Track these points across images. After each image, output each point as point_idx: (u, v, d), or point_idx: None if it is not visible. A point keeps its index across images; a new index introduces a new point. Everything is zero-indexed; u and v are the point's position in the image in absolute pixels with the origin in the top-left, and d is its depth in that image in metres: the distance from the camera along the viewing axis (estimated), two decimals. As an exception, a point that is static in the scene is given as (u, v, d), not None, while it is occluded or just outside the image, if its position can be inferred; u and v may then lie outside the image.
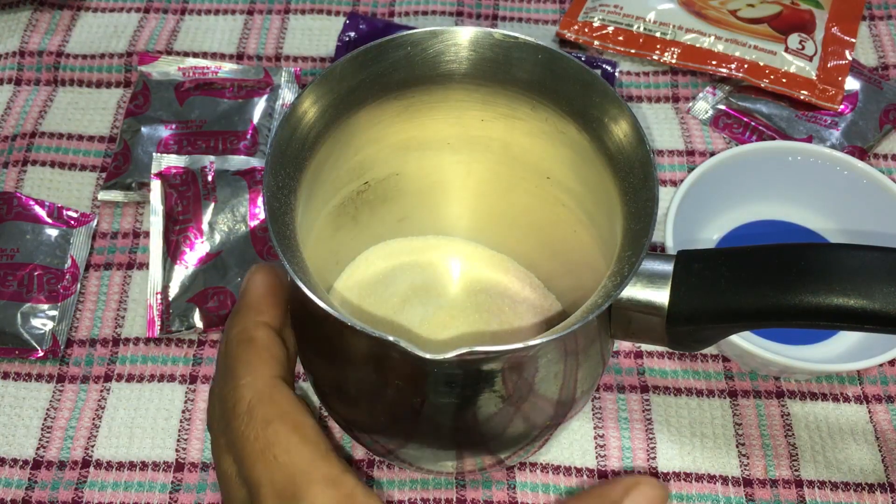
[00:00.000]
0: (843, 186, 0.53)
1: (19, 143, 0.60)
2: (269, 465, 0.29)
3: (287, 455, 0.29)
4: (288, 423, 0.29)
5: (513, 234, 0.45)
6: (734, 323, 0.31)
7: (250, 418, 0.30)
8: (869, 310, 0.28)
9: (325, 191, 0.38)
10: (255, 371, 0.31)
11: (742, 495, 0.47)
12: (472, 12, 0.67)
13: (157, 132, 0.58)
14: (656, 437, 0.49)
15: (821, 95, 0.60)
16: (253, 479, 0.29)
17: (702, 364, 0.51)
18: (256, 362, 0.31)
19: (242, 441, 0.30)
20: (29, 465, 0.48)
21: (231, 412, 0.30)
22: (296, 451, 0.29)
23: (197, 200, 0.54)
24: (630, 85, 0.63)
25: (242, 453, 0.30)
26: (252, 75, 0.61)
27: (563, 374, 0.33)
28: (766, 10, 0.63)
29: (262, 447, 0.29)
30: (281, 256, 0.30)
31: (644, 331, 0.33)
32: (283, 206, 0.32)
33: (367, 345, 0.32)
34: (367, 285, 0.44)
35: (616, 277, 0.30)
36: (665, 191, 0.58)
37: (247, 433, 0.29)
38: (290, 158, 0.33)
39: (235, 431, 0.30)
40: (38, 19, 0.66)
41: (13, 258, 0.52)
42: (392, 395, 0.33)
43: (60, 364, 0.51)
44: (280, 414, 0.30)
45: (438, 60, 0.35)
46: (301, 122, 0.33)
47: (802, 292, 0.29)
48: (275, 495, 0.28)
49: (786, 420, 0.49)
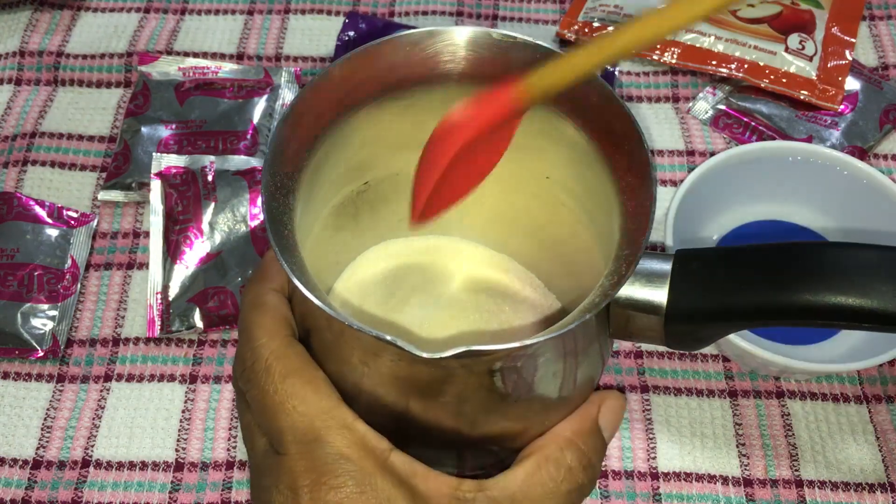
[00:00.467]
0: (843, 186, 0.53)
1: (19, 143, 0.60)
2: (289, 414, 0.32)
3: (305, 405, 0.32)
4: (303, 377, 0.33)
5: (513, 234, 0.45)
6: (732, 322, 0.31)
7: (268, 374, 0.33)
8: (866, 308, 0.28)
9: (325, 191, 0.38)
10: (270, 332, 0.34)
11: (742, 495, 0.47)
12: (473, 12, 0.67)
13: (158, 132, 0.58)
14: (656, 437, 0.49)
15: (821, 95, 0.60)
16: (274, 428, 0.32)
17: (702, 364, 0.51)
18: (270, 324, 0.34)
19: (262, 395, 0.33)
20: (29, 464, 0.48)
21: (251, 370, 0.33)
22: (312, 400, 0.32)
23: (197, 200, 0.54)
24: (630, 85, 0.63)
25: (263, 406, 0.33)
26: (252, 75, 0.61)
27: (562, 373, 0.33)
28: (766, 10, 0.63)
29: (281, 399, 0.32)
30: (279, 257, 0.30)
31: (642, 330, 0.33)
32: (282, 207, 0.32)
33: (366, 345, 0.32)
34: (367, 285, 0.44)
35: (613, 277, 0.30)
36: (665, 191, 0.58)
37: (266, 388, 0.33)
38: (288, 159, 0.33)
39: (256, 387, 0.33)
40: (38, 19, 0.66)
41: (13, 258, 0.52)
42: (392, 395, 0.33)
43: (60, 364, 0.51)
44: (295, 369, 0.33)
45: (437, 60, 0.35)
46: (299, 122, 0.33)
47: (800, 291, 0.29)
48: (296, 440, 0.32)
49: (786, 420, 0.49)
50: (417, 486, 0.32)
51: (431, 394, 0.33)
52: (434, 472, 0.32)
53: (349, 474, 0.31)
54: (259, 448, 0.34)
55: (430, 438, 0.34)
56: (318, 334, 0.34)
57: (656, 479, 0.47)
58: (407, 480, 0.32)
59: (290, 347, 0.34)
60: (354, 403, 0.33)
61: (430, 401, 0.33)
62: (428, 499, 0.31)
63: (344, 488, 0.31)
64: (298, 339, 0.35)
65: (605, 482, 0.47)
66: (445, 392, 0.32)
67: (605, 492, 0.47)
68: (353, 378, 0.33)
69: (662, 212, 0.51)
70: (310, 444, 0.31)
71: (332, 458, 0.31)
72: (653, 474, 0.47)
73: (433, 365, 0.31)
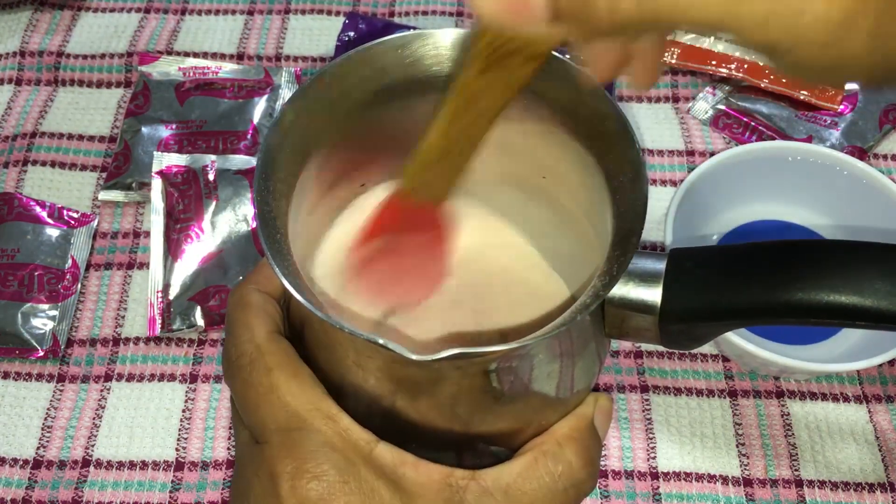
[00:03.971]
0: (843, 186, 0.53)
1: (20, 143, 0.60)
2: (272, 406, 0.32)
3: (289, 397, 0.32)
4: (287, 371, 0.32)
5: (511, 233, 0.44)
6: (726, 320, 0.31)
7: (252, 368, 0.33)
8: (860, 306, 0.28)
9: (320, 194, 0.37)
10: (253, 329, 0.34)
11: (742, 495, 0.47)
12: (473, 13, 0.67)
13: (158, 132, 0.58)
14: (656, 436, 0.49)
15: (821, 95, 0.60)
16: (257, 419, 0.32)
17: (702, 364, 0.51)
18: (253, 321, 0.34)
19: (245, 388, 0.33)
20: (29, 464, 0.48)
21: (235, 365, 0.33)
22: (296, 393, 0.32)
23: (198, 199, 0.54)
24: (630, 85, 0.63)
25: (245, 399, 0.33)
26: (252, 75, 0.61)
27: (557, 373, 0.33)
28: (767, 10, 0.63)
29: (264, 391, 0.32)
30: (270, 261, 0.30)
31: (638, 329, 0.32)
32: (274, 211, 0.32)
33: (360, 347, 0.32)
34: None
35: (605, 277, 0.30)
36: (665, 191, 0.58)
37: (249, 381, 0.32)
38: (280, 163, 0.33)
39: (239, 381, 0.33)
40: (38, 19, 0.66)
41: (14, 258, 0.52)
42: (387, 395, 0.33)
43: (61, 364, 0.51)
44: (279, 363, 0.33)
45: (429, 63, 0.35)
46: (291, 127, 0.33)
47: (794, 289, 0.29)
48: (278, 429, 0.31)
49: (786, 420, 0.49)
50: (406, 475, 0.31)
51: (426, 394, 0.33)
52: (425, 462, 0.32)
53: (331, 463, 0.30)
54: (241, 440, 0.34)
55: (427, 439, 0.34)
56: (314, 336, 0.34)
57: (656, 478, 0.47)
58: (394, 471, 0.31)
59: (274, 343, 0.33)
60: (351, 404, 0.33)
61: (426, 401, 0.33)
62: (419, 486, 0.31)
63: (325, 477, 0.30)
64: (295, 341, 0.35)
65: (605, 482, 0.47)
66: (440, 393, 0.32)
67: (605, 491, 0.47)
68: (349, 379, 0.33)
69: (662, 212, 0.51)
70: (291, 433, 0.31)
71: (314, 447, 0.31)
72: (653, 474, 0.47)
73: (425, 367, 0.31)
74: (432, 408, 0.33)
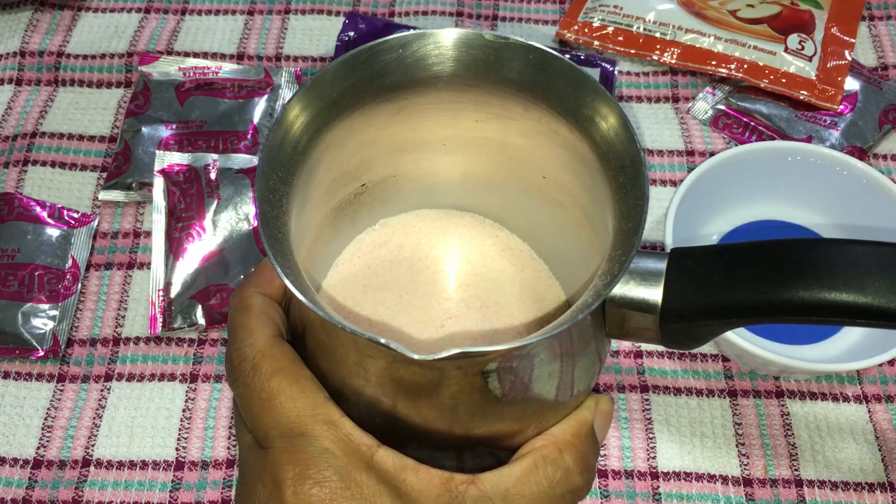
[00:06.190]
0: (843, 186, 0.53)
1: (20, 144, 0.60)
2: (275, 411, 0.32)
3: (291, 402, 0.32)
4: (289, 376, 0.32)
5: (510, 233, 0.45)
6: (727, 319, 0.31)
7: (255, 373, 0.33)
8: (861, 304, 0.28)
9: (321, 194, 0.38)
10: (255, 333, 0.34)
11: (742, 495, 0.47)
12: (472, 13, 0.67)
13: (158, 132, 0.58)
14: (656, 436, 0.49)
15: (820, 95, 0.60)
16: (260, 424, 0.32)
17: (701, 364, 0.51)
18: (255, 325, 0.34)
19: (249, 393, 0.33)
20: (29, 464, 0.48)
21: (237, 370, 0.33)
22: (298, 398, 0.32)
23: (200, 198, 0.54)
24: (630, 85, 0.63)
25: (249, 403, 0.33)
26: (252, 75, 0.61)
27: (558, 373, 0.33)
28: (766, 11, 0.63)
29: (267, 396, 0.32)
30: (272, 261, 0.30)
31: (638, 329, 0.33)
32: (276, 210, 0.32)
33: (361, 347, 0.32)
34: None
35: (606, 276, 0.30)
36: (665, 191, 0.58)
37: (252, 386, 0.33)
38: (281, 163, 0.33)
39: (242, 385, 0.33)
40: (38, 19, 0.66)
41: (14, 258, 0.52)
42: (389, 396, 0.33)
43: (61, 364, 0.51)
44: (281, 368, 0.33)
45: (430, 62, 0.35)
46: (292, 126, 0.33)
47: (794, 288, 0.29)
48: (281, 434, 0.32)
49: (785, 420, 0.49)
50: (407, 480, 0.31)
51: (427, 395, 0.33)
52: (425, 467, 0.32)
53: (333, 469, 0.31)
54: (244, 444, 0.34)
55: (428, 439, 0.34)
56: (315, 337, 0.34)
57: (656, 478, 0.47)
58: (395, 476, 0.31)
59: (277, 347, 0.33)
60: (352, 405, 0.33)
61: (426, 402, 0.33)
62: (419, 491, 0.31)
63: (328, 483, 0.31)
64: (296, 342, 0.35)
65: (605, 482, 0.47)
66: (441, 393, 0.32)
67: (605, 491, 0.47)
68: (350, 380, 0.33)
69: (662, 212, 0.51)
70: (294, 439, 0.31)
71: (316, 452, 0.31)
72: (653, 474, 0.48)
73: (427, 367, 0.31)
74: (433, 408, 0.33)
